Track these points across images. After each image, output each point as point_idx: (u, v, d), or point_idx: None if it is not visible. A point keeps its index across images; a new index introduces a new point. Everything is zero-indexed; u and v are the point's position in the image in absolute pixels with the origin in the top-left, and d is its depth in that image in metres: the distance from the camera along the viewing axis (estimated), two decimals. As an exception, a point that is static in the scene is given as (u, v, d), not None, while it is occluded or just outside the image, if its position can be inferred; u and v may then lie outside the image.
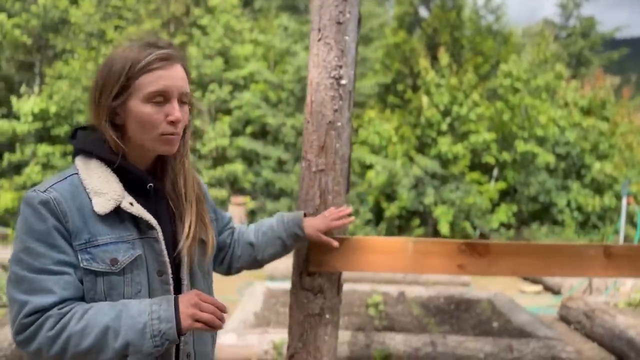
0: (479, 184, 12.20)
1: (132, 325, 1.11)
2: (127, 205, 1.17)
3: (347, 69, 1.74)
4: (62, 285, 1.12)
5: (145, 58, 1.17)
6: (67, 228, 1.13)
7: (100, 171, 1.19)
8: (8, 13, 11.97)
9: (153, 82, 1.17)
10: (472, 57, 12.48)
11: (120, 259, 1.16)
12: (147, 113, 1.18)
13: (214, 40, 13.39)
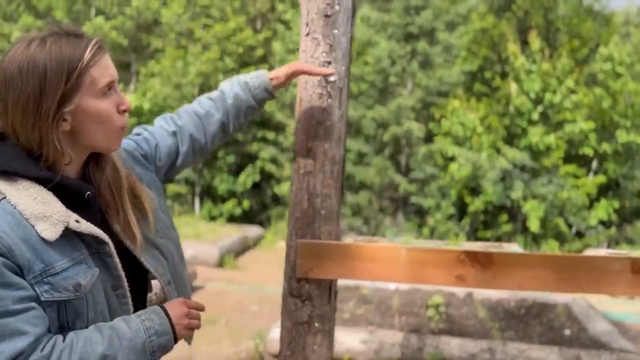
0: (575, 178, 11.32)
1: (130, 348, 1.07)
2: (74, 224, 1.06)
3: (337, 65, 1.64)
4: (32, 321, 1.01)
5: (87, 50, 1.06)
6: (15, 263, 1.00)
7: (33, 191, 1.05)
8: (106, 16, 12.90)
9: (102, 75, 1.07)
10: (568, 41, 11.55)
11: (83, 282, 1.06)
12: (104, 109, 1.08)
13: (297, 35, 13.53)
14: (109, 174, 1.17)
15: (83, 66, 1.04)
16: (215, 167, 13.00)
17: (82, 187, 1.11)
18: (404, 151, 12.53)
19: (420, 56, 12.44)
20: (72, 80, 1.04)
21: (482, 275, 1.59)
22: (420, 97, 12.35)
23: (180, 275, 1.34)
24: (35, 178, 1.05)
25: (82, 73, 1.05)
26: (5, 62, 1.05)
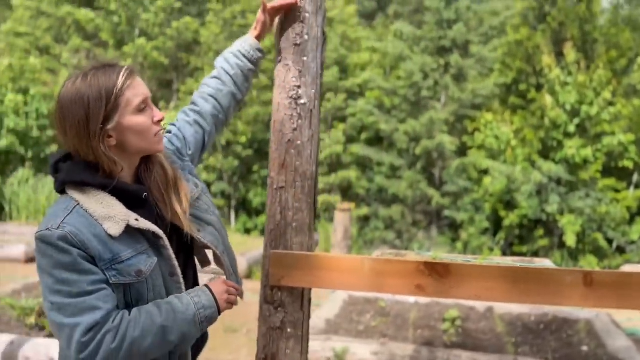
0: (615, 192, 11.00)
1: (184, 319, 1.31)
2: (134, 222, 1.29)
3: (306, 89, 1.77)
4: (103, 299, 1.24)
5: (120, 78, 1.27)
6: (89, 254, 1.23)
7: (100, 197, 1.29)
8: (148, 37, 13.50)
9: (135, 95, 1.29)
10: (605, 52, 11.30)
11: (143, 269, 1.30)
12: (141, 122, 1.30)
13: (331, 51, 13.77)
14: (156, 173, 1.39)
15: (118, 90, 1.26)
16: (250, 181, 13.32)
17: (139, 190, 1.36)
18: (437, 164, 12.48)
19: (453, 69, 12.43)
20: (111, 104, 1.26)
21: (440, 285, 1.67)
22: (453, 110, 12.32)
23: (229, 245, 1.59)
24: (99, 185, 1.29)
25: (118, 96, 1.27)
26: (60, 97, 1.29)
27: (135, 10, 13.63)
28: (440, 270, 1.67)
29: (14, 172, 12.12)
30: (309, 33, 1.77)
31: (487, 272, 1.66)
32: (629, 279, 1.60)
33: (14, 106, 12.04)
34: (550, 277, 1.62)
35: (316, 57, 1.80)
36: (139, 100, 1.29)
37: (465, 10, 12.37)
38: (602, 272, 1.59)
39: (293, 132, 1.78)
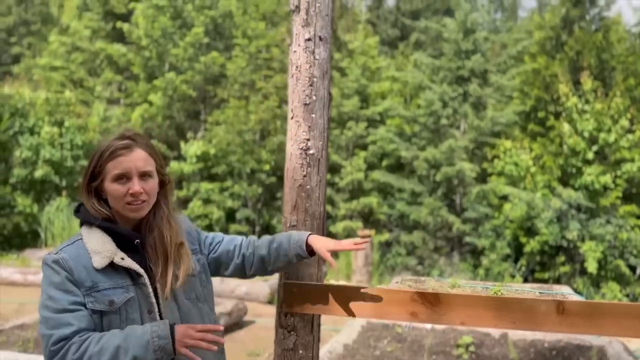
0: (637, 218, 10.95)
1: (138, 343, 1.47)
2: (119, 260, 1.56)
3: (314, 141, 2.07)
4: (78, 318, 1.49)
5: (109, 150, 1.58)
6: (74, 278, 1.52)
7: (99, 235, 1.58)
8: (177, 70, 14.11)
9: (115, 167, 1.57)
10: (622, 80, 11.40)
11: (116, 300, 1.54)
12: (114, 189, 1.58)
13: (352, 81, 14.18)
14: (156, 235, 1.65)
15: (104, 159, 1.58)
16: (274, 207, 13.64)
17: (132, 235, 1.62)
18: (458, 191, 12.63)
19: (472, 98, 12.66)
20: (98, 167, 1.59)
21: (431, 312, 1.92)
22: (472, 137, 12.51)
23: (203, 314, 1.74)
24: (98, 226, 1.60)
25: (103, 163, 1.59)
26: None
27: (165, 45, 14.28)
28: (431, 299, 1.92)
29: (49, 201, 12.69)
30: (317, 94, 2.08)
31: (472, 300, 1.90)
32: (597, 308, 1.83)
33: (50, 138, 12.69)
34: (527, 306, 1.85)
35: (323, 114, 2.10)
36: (117, 172, 1.57)
37: (483, 40, 12.65)
38: (573, 302, 1.82)
39: (303, 178, 2.08)
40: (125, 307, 1.55)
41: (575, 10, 12.90)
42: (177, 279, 1.64)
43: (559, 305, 1.82)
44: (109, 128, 14.52)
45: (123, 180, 1.58)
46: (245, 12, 15.54)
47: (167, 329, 1.50)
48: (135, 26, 15.40)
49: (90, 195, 1.62)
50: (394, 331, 5.58)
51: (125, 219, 1.63)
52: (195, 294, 1.72)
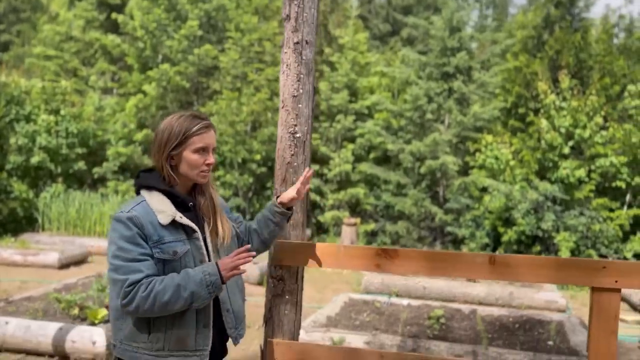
0: (609, 211, 11.54)
1: (194, 281, 1.78)
2: (178, 218, 1.88)
3: (300, 127, 2.53)
4: (147, 266, 1.79)
5: (196, 126, 1.92)
6: (144, 233, 1.81)
7: (160, 198, 1.91)
8: (171, 62, 14.46)
9: (199, 141, 1.92)
10: (599, 79, 11.96)
11: (178, 251, 1.86)
12: (195, 159, 1.93)
13: (341, 75, 14.61)
14: (207, 198, 2.05)
15: (190, 133, 1.93)
16: (264, 197, 14.08)
17: (186, 199, 1.98)
18: (441, 183, 13.14)
19: (456, 94, 13.15)
20: (182, 139, 1.93)
21: (391, 264, 2.40)
22: (456, 132, 13.01)
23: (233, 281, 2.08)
24: (160, 189, 1.93)
25: (188, 136, 1.93)
26: (160, 125, 1.98)
27: (159, 37, 14.61)
28: (392, 254, 2.40)
29: (45, 187, 13.03)
30: (303, 88, 2.54)
31: (422, 255, 2.39)
32: (519, 260, 2.32)
33: (46, 126, 13.02)
34: (465, 259, 2.34)
35: (308, 104, 2.57)
36: (200, 145, 1.93)
37: (468, 38, 13.14)
38: (502, 255, 2.31)
39: (291, 157, 2.55)
40: (185, 257, 1.88)
41: (557, 11, 13.42)
42: (224, 239, 2.03)
43: (491, 258, 2.30)
44: (103, 117, 14.86)
45: (202, 152, 1.94)
46: (239, 5, 15.91)
47: (214, 267, 1.84)
48: (130, 17, 15.70)
49: (167, 163, 1.94)
50: (374, 306, 6.08)
51: (183, 186, 1.98)
52: (232, 251, 2.08)
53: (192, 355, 1.87)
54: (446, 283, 7.58)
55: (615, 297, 2.22)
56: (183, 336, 1.84)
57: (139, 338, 1.83)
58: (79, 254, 9.31)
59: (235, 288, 2.08)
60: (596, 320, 2.24)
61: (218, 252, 2.01)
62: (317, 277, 9.55)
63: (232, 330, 2.03)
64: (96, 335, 4.58)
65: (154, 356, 1.82)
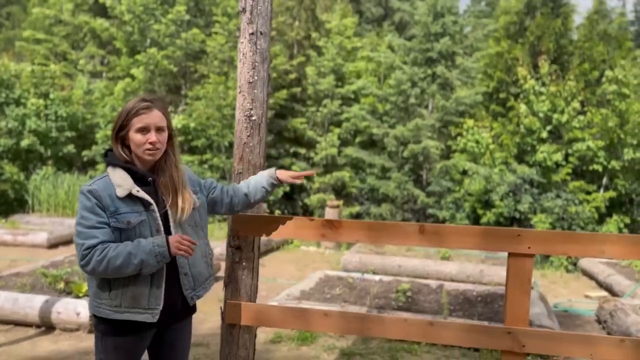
0: (586, 193, 11.90)
1: (143, 250, 1.98)
2: (135, 192, 2.06)
3: (256, 110, 2.80)
4: (102, 234, 2.01)
5: (135, 108, 2.09)
6: (102, 204, 2.03)
7: (121, 173, 2.10)
8: (159, 46, 14.60)
9: (139, 121, 2.08)
10: (578, 64, 12.24)
11: (132, 221, 2.05)
12: (137, 138, 2.09)
13: (328, 60, 14.80)
14: (167, 175, 2.19)
15: (130, 115, 2.13)
16: (251, 180, 14.34)
17: (145, 174, 2.15)
18: (424, 167, 13.45)
19: (440, 79, 13.40)
20: (125, 121, 2.13)
21: (335, 233, 2.68)
22: (439, 116, 13.28)
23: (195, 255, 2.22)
24: (121, 166, 2.12)
25: (129, 118, 2.10)
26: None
27: (147, 21, 14.72)
28: (335, 225, 2.69)
29: (35, 169, 13.24)
30: (258, 75, 2.80)
31: (361, 226, 2.68)
32: (447, 230, 2.62)
33: (36, 109, 13.17)
34: (398, 229, 2.63)
35: (263, 90, 2.83)
36: (139, 125, 2.08)
37: (452, 24, 13.35)
38: (430, 225, 2.60)
39: (247, 138, 2.81)
40: (139, 227, 2.07)
41: (539, -3, 13.62)
42: (184, 212, 2.18)
43: (421, 227, 2.59)
44: (92, 101, 15.01)
45: (144, 132, 2.10)
46: (226, -10, 16.00)
47: (163, 239, 2.03)
48: (118, 1, 15.77)
49: (117, 143, 2.15)
50: (347, 281, 6.40)
51: (143, 163, 2.15)
52: (194, 221, 2.27)
53: (144, 313, 2.08)
54: (420, 261, 7.91)
55: (528, 262, 2.52)
56: (137, 295, 2.06)
57: (102, 295, 2.10)
58: (68, 234, 9.56)
59: (199, 254, 2.25)
60: (512, 282, 2.54)
61: (180, 225, 2.19)
62: (299, 256, 9.88)
63: (188, 291, 2.21)
64: (80, 307, 4.87)
65: (113, 311, 2.08)
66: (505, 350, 2.54)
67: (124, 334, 2.09)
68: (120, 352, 2.11)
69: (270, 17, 2.85)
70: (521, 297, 2.54)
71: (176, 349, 2.28)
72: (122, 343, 2.11)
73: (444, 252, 8.53)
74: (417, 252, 8.84)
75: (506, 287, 2.58)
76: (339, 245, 11.15)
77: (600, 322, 5.61)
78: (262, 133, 2.86)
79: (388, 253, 8.62)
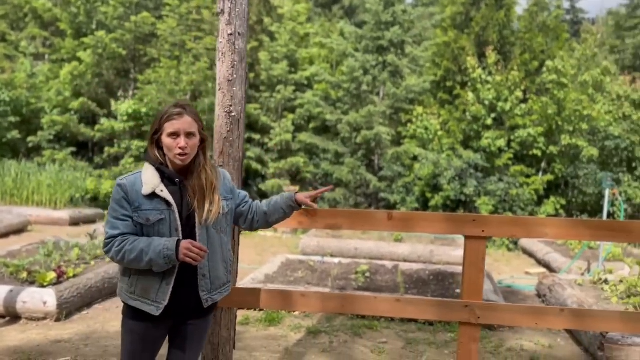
0: (527, 177, 12.64)
1: (154, 250, 2.07)
2: (159, 191, 2.16)
3: (235, 107, 2.98)
4: (124, 226, 2.15)
5: (167, 113, 2.20)
6: (128, 199, 2.15)
7: (152, 172, 2.20)
8: (108, 29, 14.23)
9: (170, 127, 2.18)
10: (520, 54, 12.90)
11: (151, 218, 2.15)
12: (168, 142, 2.19)
13: (281, 46, 14.89)
14: (196, 178, 2.25)
15: (162, 120, 2.21)
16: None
17: (173, 175, 2.22)
18: (376, 152, 13.86)
19: (390, 67, 13.78)
20: (158, 126, 2.24)
21: (311, 221, 2.93)
22: (390, 104, 13.69)
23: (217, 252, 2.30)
24: (153, 165, 2.23)
25: (162, 123, 2.21)
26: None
27: (93, 3, 14.30)
28: (311, 213, 2.93)
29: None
30: (237, 74, 2.98)
31: (333, 214, 2.93)
32: (415, 216, 2.91)
33: (-25, 93, 12.63)
34: (369, 216, 2.90)
35: (241, 87, 3.02)
36: (170, 130, 2.18)
37: (401, 13, 13.72)
38: (398, 212, 2.89)
39: (227, 132, 3.00)
40: (158, 225, 2.16)
41: (484, -12, 14.15)
42: (210, 214, 2.23)
43: (389, 214, 2.88)
44: (36, 84, 14.49)
45: (174, 136, 2.19)
46: (176, -28, 15.71)
47: (174, 243, 2.08)
48: (62, -19, 15.22)
49: (153, 145, 2.25)
50: (308, 264, 6.68)
51: (174, 165, 2.24)
52: (220, 227, 2.31)
53: (150, 304, 2.18)
54: (375, 244, 8.29)
55: (482, 244, 2.86)
56: (147, 286, 2.18)
57: (123, 280, 2.27)
58: (18, 223, 9.36)
59: (219, 258, 2.31)
60: (468, 262, 2.87)
61: (206, 227, 2.25)
62: (257, 241, 10.08)
63: (204, 293, 2.26)
64: (47, 296, 4.91)
65: (128, 296, 2.24)
66: (463, 322, 2.88)
67: (136, 319, 2.24)
68: (134, 334, 2.26)
69: (247, 19, 3.02)
70: (476, 275, 2.88)
71: (187, 341, 2.37)
72: (135, 327, 2.25)
73: (397, 234, 8.96)
74: (371, 235, 9.23)
75: (463, 266, 2.91)
76: (295, 230, 11.43)
77: (540, 296, 6.15)
78: (241, 128, 3.05)
79: (345, 237, 8.97)
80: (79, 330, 4.65)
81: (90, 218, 11.38)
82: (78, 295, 5.16)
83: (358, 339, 4.61)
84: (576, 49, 14.19)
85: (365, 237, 9.05)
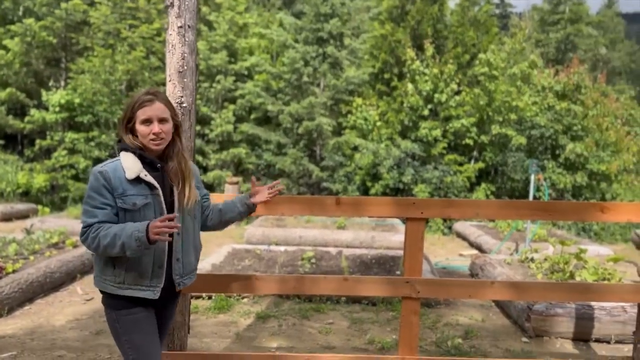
0: (459, 165, 13.26)
1: (126, 234, 2.04)
2: (143, 175, 2.16)
3: (186, 98, 3.06)
4: (102, 214, 2.11)
5: (139, 100, 2.21)
6: (110, 186, 2.12)
7: (132, 158, 2.19)
8: (36, 16, 13.60)
9: (142, 114, 2.20)
10: (453, 48, 13.46)
11: (137, 202, 2.14)
12: (142, 130, 2.21)
13: (220, 35, 14.76)
14: (175, 164, 2.29)
15: (135, 107, 2.22)
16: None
17: (154, 161, 2.24)
18: (317, 143, 14.08)
19: (330, 58, 14.00)
20: (131, 113, 2.25)
21: (269, 208, 3.06)
22: (330, 95, 13.93)
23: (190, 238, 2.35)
24: (132, 151, 2.22)
25: (135, 110, 2.22)
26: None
27: (20, -12, 13.61)
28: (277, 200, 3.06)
29: None
30: (187, 65, 3.06)
31: (292, 200, 3.08)
32: (362, 201, 3.10)
33: None
34: (320, 201, 3.07)
35: (192, 79, 3.09)
36: (143, 117, 2.21)
37: (340, 5, 13.95)
38: (346, 198, 3.07)
39: (179, 123, 3.06)
40: (144, 209, 2.16)
41: (419, -18, 14.61)
42: (189, 200, 2.29)
43: (337, 199, 3.06)
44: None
45: (147, 123, 2.22)
46: (109, -43, 15.18)
47: (144, 226, 2.05)
48: (-16, -37, 14.35)
49: (127, 133, 2.26)
50: (255, 253, 6.79)
51: (151, 152, 2.26)
52: (194, 213, 2.37)
53: (146, 290, 2.21)
54: (319, 231, 8.50)
55: (421, 224, 3.10)
56: (141, 274, 2.19)
57: (106, 272, 2.23)
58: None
59: (190, 245, 2.36)
60: (409, 241, 3.11)
61: (184, 213, 2.29)
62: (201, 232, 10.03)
63: (177, 277, 2.30)
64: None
65: (117, 287, 2.23)
66: (405, 296, 3.13)
67: (128, 307, 2.23)
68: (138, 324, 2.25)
69: (196, 11, 3.09)
70: (416, 253, 3.12)
71: (162, 326, 2.43)
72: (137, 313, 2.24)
73: (340, 221, 9.22)
74: (315, 223, 9.44)
75: (404, 245, 3.14)
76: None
77: (473, 275, 6.58)
78: (192, 119, 3.13)
79: (289, 225, 9.12)
80: (22, 325, 4.57)
81: (23, 213, 10.92)
82: (19, 291, 5.05)
83: (306, 321, 4.80)
84: (506, 43, 14.96)
85: (310, 225, 9.25)
